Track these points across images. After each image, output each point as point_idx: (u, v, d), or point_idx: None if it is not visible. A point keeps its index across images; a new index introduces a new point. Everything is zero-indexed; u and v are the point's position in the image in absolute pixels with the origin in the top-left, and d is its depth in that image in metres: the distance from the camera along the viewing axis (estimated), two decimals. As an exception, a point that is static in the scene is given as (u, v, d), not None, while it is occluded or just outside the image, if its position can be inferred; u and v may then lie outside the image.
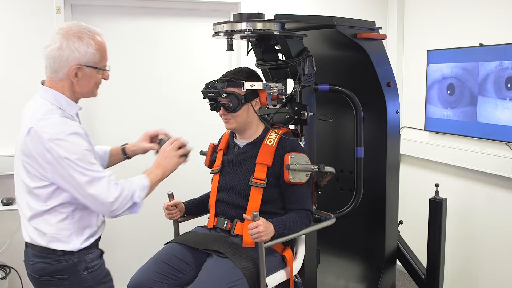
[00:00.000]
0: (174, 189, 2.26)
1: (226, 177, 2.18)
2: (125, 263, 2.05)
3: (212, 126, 2.24)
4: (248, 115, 2.14)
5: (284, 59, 2.32)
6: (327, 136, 2.77)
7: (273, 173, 2.09)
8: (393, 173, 2.64)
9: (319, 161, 2.31)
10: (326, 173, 2.19)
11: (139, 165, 2.12)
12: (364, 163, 2.37)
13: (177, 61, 3.57)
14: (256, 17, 2.16)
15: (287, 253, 2.13)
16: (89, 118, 3.29)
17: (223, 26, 2.20)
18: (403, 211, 3.47)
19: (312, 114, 2.27)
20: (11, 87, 3.11)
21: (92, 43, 1.72)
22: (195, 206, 2.33)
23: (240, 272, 1.92)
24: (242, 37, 2.31)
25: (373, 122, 2.53)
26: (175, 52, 3.56)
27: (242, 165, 2.15)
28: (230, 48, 2.32)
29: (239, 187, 2.12)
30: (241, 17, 2.16)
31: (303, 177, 2.08)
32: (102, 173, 1.67)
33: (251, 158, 2.14)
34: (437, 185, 2.79)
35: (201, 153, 2.42)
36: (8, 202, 3.01)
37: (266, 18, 2.19)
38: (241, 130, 2.18)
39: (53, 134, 1.61)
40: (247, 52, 2.40)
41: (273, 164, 2.09)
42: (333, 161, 2.64)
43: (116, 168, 2.09)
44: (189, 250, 2.10)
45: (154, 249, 2.17)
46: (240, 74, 2.13)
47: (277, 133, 2.15)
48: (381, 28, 2.56)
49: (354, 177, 2.39)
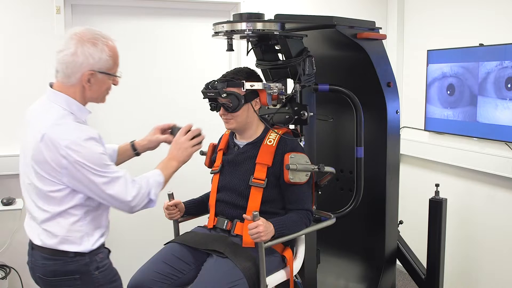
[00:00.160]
0: (174, 189, 2.26)
1: (226, 177, 2.18)
2: (125, 263, 2.05)
3: (212, 126, 2.25)
4: (248, 115, 2.14)
5: (284, 59, 2.32)
6: (327, 136, 2.77)
7: (273, 173, 2.09)
8: (393, 173, 2.64)
9: (319, 161, 2.31)
10: (326, 173, 2.19)
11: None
12: (364, 163, 2.37)
13: (177, 61, 3.57)
14: (256, 17, 2.16)
15: (287, 253, 2.13)
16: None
17: (223, 26, 2.20)
18: (403, 211, 3.47)
19: (312, 114, 2.27)
20: (11, 87, 3.10)
21: (106, 49, 1.72)
22: (195, 206, 2.33)
23: (240, 272, 1.92)
24: (242, 37, 2.31)
25: (373, 122, 2.53)
26: (175, 52, 3.56)
27: (242, 165, 2.15)
28: (230, 48, 2.32)
29: (239, 187, 2.12)
30: (241, 17, 2.16)
31: (303, 177, 2.08)
32: (118, 173, 1.69)
33: (251, 158, 2.14)
34: (437, 185, 2.79)
35: (201, 153, 2.42)
36: (8, 202, 3.00)
37: (266, 18, 2.19)
38: (241, 130, 2.18)
39: (69, 140, 1.61)
40: (247, 52, 2.40)
41: (273, 164, 2.09)
42: (333, 161, 2.64)
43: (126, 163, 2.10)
44: (189, 250, 2.10)
45: (154, 249, 2.17)
46: (240, 74, 2.13)
47: (277, 133, 2.15)
48: (381, 28, 2.56)
49: (354, 177, 2.39)
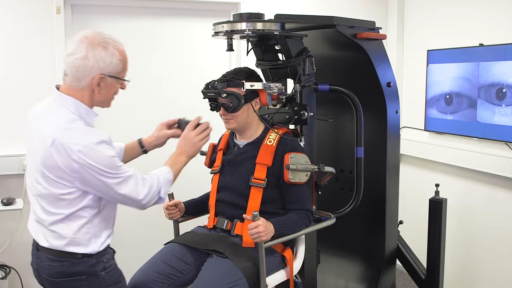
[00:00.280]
0: (174, 189, 2.26)
1: (226, 177, 2.18)
2: (125, 263, 2.05)
3: (212, 126, 2.26)
4: (248, 115, 2.14)
5: (284, 59, 2.32)
6: (327, 136, 2.77)
7: (273, 173, 2.09)
8: (393, 173, 2.64)
9: (319, 161, 2.31)
10: (326, 173, 2.19)
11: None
12: (364, 163, 2.37)
13: (177, 61, 3.57)
14: (256, 17, 2.16)
15: (287, 253, 2.13)
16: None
17: (223, 26, 2.20)
18: (403, 211, 3.46)
19: (312, 114, 2.27)
20: (11, 87, 3.10)
21: (116, 53, 1.72)
22: (195, 206, 2.33)
23: (240, 272, 1.92)
24: (242, 37, 2.31)
25: (373, 122, 2.53)
26: (175, 52, 3.56)
27: (242, 165, 2.15)
28: (230, 48, 2.32)
29: (239, 187, 2.12)
30: (241, 17, 2.16)
31: (303, 177, 2.08)
32: (128, 172, 1.70)
33: (251, 158, 2.13)
34: (437, 185, 2.79)
35: (201, 153, 2.42)
36: (8, 202, 3.00)
37: (266, 18, 2.19)
38: (241, 130, 2.18)
39: (82, 145, 1.61)
40: (247, 52, 2.40)
41: (273, 164, 2.09)
42: (333, 161, 2.64)
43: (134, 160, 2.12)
44: (189, 250, 2.10)
45: (154, 249, 2.17)
46: (240, 74, 2.13)
47: (277, 133, 2.15)
48: (381, 28, 2.56)
49: (354, 177, 2.39)
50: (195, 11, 3.56)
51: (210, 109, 2.15)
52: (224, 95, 2.06)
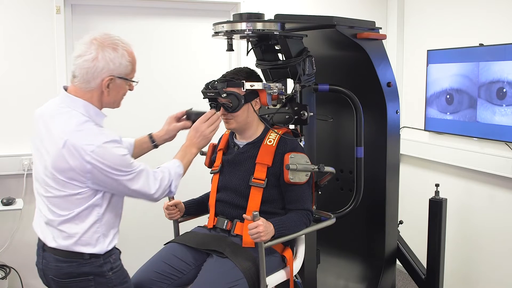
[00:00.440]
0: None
1: (226, 177, 2.18)
2: (125, 263, 2.05)
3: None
4: (248, 115, 2.14)
5: (284, 59, 2.32)
6: (327, 136, 2.77)
7: (273, 173, 2.09)
8: (393, 173, 2.63)
9: (319, 161, 2.31)
10: (326, 173, 2.19)
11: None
12: (364, 163, 2.37)
13: (177, 61, 3.57)
14: (256, 17, 2.16)
15: (287, 253, 2.12)
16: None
17: (223, 26, 2.20)
18: (403, 211, 3.47)
19: (312, 114, 2.27)
20: (11, 87, 3.11)
21: (125, 54, 1.72)
22: (195, 206, 2.34)
23: (240, 272, 1.92)
24: (242, 37, 2.31)
25: (373, 122, 2.53)
26: (175, 52, 3.56)
27: (242, 165, 2.15)
28: (230, 48, 2.32)
29: (239, 187, 2.12)
30: (241, 17, 2.16)
31: (303, 177, 2.08)
32: (139, 167, 1.72)
33: (251, 158, 2.13)
34: (437, 185, 2.79)
35: (201, 153, 2.42)
36: (8, 202, 3.00)
37: (266, 18, 2.19)
38: (241, 130, 2.18)
39: (94, 146, 1.61)
40: (247, 52, 2.40)
41: (273, 164, 2.09)
42: (333, 161, 2.64)
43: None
44: (189, 250, 2.10)
45: (154, 249, 2.17)
46: (240, 74, 2.13)
47: (277, 133, 2.15)
48: (381, 28, 2.56)
49: (354, 177, 2.39)
50: (195, 11, 3.56)
51: (210, 109, 2.15)
52: (224, 95, 2.06)
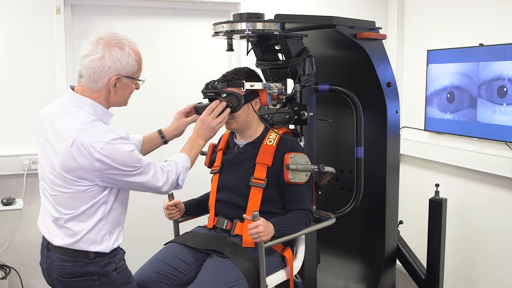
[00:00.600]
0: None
1: (226, 177, 2.18)
2: (125, 263, 2.07)
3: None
4: (248, 115, 2.13)
5: (284, 59, 2.32)
6: (327, 136, 2.77)
7: (273, 173, 2.09)
8: (393, 173, 2.63)
9: (319, 161, 2.31)
10: (326, 173, 2.19)
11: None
12: (364, 163, 2.37)
13: (177, 61, 3.57)
14: (256, 17, 2.16)
15: (287, 253, 2.12)
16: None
17: (223, 26, 2.20)
18: (403, 211, 3.47)
19: (312, 114, 2.27)
20: (11, 87, 3.10)
21: (132, 53, 1.73)
22: (195, 206, 2.33)
23: (240, 272, 1.92)
24: (242, 37, 2.31)
25: (373, 122, 2.53)
26: (175, 52, 3.56)
27: (242, 165, 2.15)
28: (230, 48, 2.32)
29: (239, 187, 2.12)
30: (241, 17, 2.16)
31: (303, 177, 2.08)
32: (146, 161, 1.73)
33: (251, 158, 2.13)
34: (437, 185, 2.79)
35: (201, 153, 2.42)
36: (8, 202, 3.00)
37: (266, 18, 2.19)
38: (241, 130, 2.18)
39: (103, 142, 1.62)
40: (247, 52, 2.39)
41: (273, 164, 2.09)
42: (333, 161, 2.64)
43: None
44: (189, 250, 2.10)
45: (154, 249, 2.17)
46: (240, 74, 2.13)
47: (277, 133, 2.14)
48: (381, 28, 2.56)
49: (354, 177, 2.39)
50: (195, 11, 3.56)
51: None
52: (224, 95, 2.06)
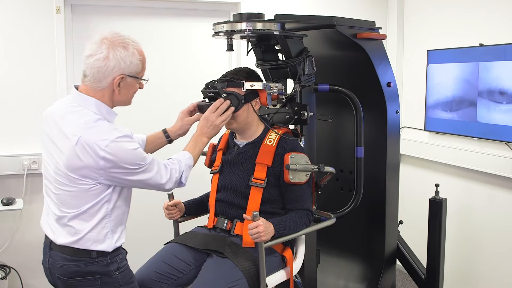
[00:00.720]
0: (174, 189, 2.26)
1: (226, 177, 2.18)
2: (125, 263, 2.07)
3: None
4: (248, 115, 2.13)
5: (284, 59, 2.32)
6: (327, 136, 2.77)
7: (273, 173, 2.09)
8: (393, 173, 2.63)
9: (319, 161, 2.31)
10: (326, 173, 2.19)
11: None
12: (364, 163, 2.37)
13: (177, 61, 3.57)
14: (256, 17, 2.16)
15: (287, 253, 2.12)
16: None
17: (223, 26, 2.20)
18: (403, 211, 3.47)
19: (312, 114, 2.27)
20: (11, 87, 3.10)
21: (136, 53, 1.74)
22: (195, 206, 2.34)
23: (240, 272, 1.92)
24: (242, 37, 2.31)
25: (373, 122, 2.53)
26: (175, 52, 3.56)
27: (242, 165, 2.15)
28: (230, 48, 2.32)
29: (238, 187, 2.12)
30: (241, 17, 2.16)
31: (303, 177, 2.08)
32: (150, 158, 1.74)
33: (250, 158, 2.13)
34: (437, 185, 2.79)
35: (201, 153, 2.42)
36: (8, 202, 3.00)
37: (266, 18, 2.19)
38: (241, 130, 2.18)
39: (108, 140, 1.62)
40: (247, 52, 2.40)
41: (273, 164, 2.09)
42: (333, 161, 2.64)
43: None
44: (189, 250, 2.10)
45: (154, 249, 2.17)
46: (240, 74, 2.13)
47: (277, 133, 2.14)
48: (381, 28, 2.56)
49: (354, 177, 2.39)
50: (195, 11, 3.56)
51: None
52: (224, 95, 2.06)
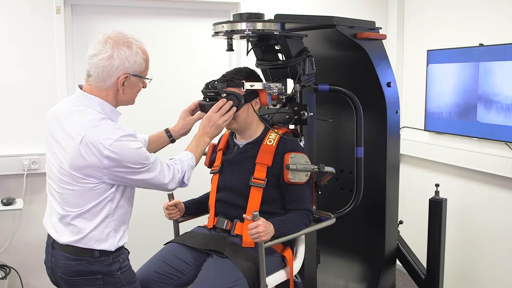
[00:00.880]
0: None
1: (226, 177, 2.18)
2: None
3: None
4: (248, 115, 2.14)
5: (284, 59, 2.32)
6: (327, 136, 2.77)
7: (273, 173, 2.09)
8: (393, 173, 2.63)
9: (319, 161, 2.31)
10: (326, 173, 2.19)
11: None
12: (364, 163, 2.37)
13: (177, 61, 3.57)
14: (256, 17, 2.16)
15: (287, 253, 2.12)
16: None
17: (223, 26, 2.20)
18: (403, 211, 3.47)
19: (312, 114, 2.27)
20: (11, 87, 3.10)
21: (140, 52, 1.75)
22: (195, 206, 2.34)
23: (240, 272, 1.92)
24: (242, 37, 2.31)
25: (373, 122, 2.53)
26: (175, 52, 3.56)
27: (242, 164, 2.15)
28: (230, 48, 2.32)
29: (238, 187, 2.12)
30: (241, 17, 2.16)
31: (303, 177, 2.08)
32: (153, 158, 1.75)
33: (250, 158, 2.13)
34: (437, 185, 2.79)
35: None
36: (8, 202, 3.00)
37: (266, 18, 2.19)
38: (241, 130, 2.18)
39: (112, 139, 1.63)
40: (247, 52, 2.40)
41: (273, 164, 2.09)
42: (333, 161, 2.64)
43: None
44: (189, 250, 2.10)
45: (154, 249, 2.17)
46: (240, 74, 2.13)
47: (277, 133, 2.14)
48: (381, 28, 2.56)
49: (354, 177, 2.39)
50: (195, 11, 3.56)
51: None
52: (224, 95, 2.06)
